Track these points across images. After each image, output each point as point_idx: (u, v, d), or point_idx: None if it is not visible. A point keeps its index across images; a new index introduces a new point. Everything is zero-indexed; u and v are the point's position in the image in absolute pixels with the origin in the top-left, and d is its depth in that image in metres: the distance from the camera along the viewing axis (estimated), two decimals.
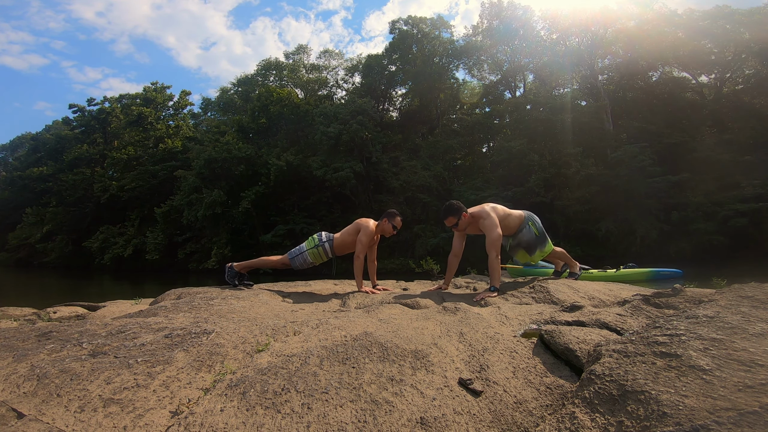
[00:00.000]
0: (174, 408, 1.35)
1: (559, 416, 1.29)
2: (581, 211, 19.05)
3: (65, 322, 2.55)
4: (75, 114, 39.77)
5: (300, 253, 3.64)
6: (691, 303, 2.12)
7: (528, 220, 3.46)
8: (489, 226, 3.17)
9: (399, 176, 23.36)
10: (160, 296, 3.43)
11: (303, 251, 3.64)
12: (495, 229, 3.15)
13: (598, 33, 23.92)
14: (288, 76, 33.97)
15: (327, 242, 3.62)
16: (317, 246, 3.61)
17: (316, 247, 3.61)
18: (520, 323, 2.18)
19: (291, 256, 3.65)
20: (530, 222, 3.44)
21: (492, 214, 3.23)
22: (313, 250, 3.61)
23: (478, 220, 3.28)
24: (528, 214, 3.51)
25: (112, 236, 31.48)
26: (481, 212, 3.27)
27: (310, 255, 3.62)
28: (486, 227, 3.19)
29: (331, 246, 3.62)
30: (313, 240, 3.67)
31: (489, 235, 3.13)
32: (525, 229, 3.41)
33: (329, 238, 3.65)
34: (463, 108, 30.68)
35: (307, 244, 3.67)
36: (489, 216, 3.21)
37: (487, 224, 3.18)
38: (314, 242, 3.64)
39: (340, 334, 1.88)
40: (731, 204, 16.39)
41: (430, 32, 28.50)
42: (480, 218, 3.25)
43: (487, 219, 3.20)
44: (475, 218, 3.29)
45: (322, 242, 3.62)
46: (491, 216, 3.21)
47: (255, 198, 24.50)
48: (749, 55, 20.76)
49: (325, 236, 3.67)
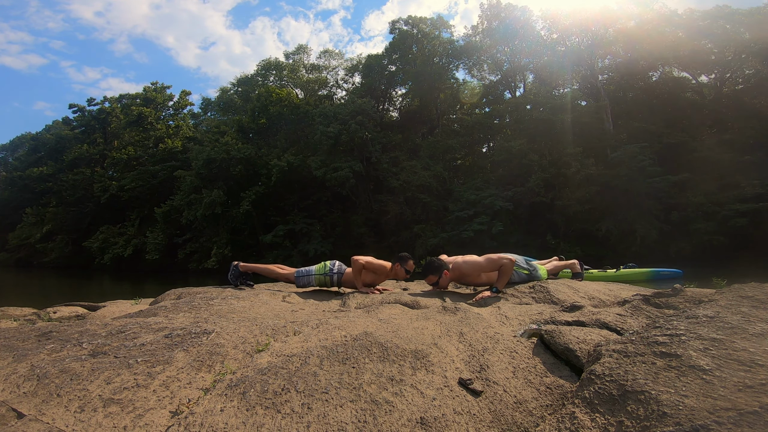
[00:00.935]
0: (174, 408, 1.35)
1: (559, 416, 1.29)
2: (581, 211, 19.05)
3: (65, 322, 2.55)
4: (75, 114, 39.84)
5: (307, 275, 3.66)
6: (691, 303, 2.12)
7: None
8: (473, 268, 3.15)
9: (399, 176, 23.36)
10: (160, 296, 3.43)
11: (311, 275, 3.66)
12: (481, 263, 3.13)
13: (598, 33, 23.92)
14: (288, 76, 33.97)
15: (337, 275, 3.64)
16: (326, 275, 3.64)
17: (324, 276, 3.63)
18: (520, 323, 2.18)
19: (298, 275, 3.67)
20: (515, 266, 3.35)
21: (470, 261, 3.20)
22: (320, 276, 3.64)
23: (460, 274, 3.23)
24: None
25: (112, 236, 31.49)
26: (461, 266, 3.21)
27: (316, 280, 3.65)
28: (474, 271, 3.16)
29: (339, 279, 3.64)
30: (325, 267, 3.68)
31: (484, 267, 3.12)
32: (513, 274, 3.33)
33: (340, 271, 3.65)
34: (463, 108, 30.68)
35: (317, 269, 3.68)
36: (467, 265, 3.17)
37: (474, 268, 3.15)
38: (324, 270, 3.65)
39: (340, 334, 1.88)
40: (731, 204, 16.38)
41: (430, 32, 28.51)
42: (459, 270, 3.20)
43: (465, 268, 3.17)
44: (455, 274, 3.24)
45: (332, 273, 3.64)
46: (468, 263, 3.18)
47: (255, 198, 24.51)
48: (749, 55, 20.75)
49: (337, 268, 3.67)
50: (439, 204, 22.38)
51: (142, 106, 36.54)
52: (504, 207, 19.42)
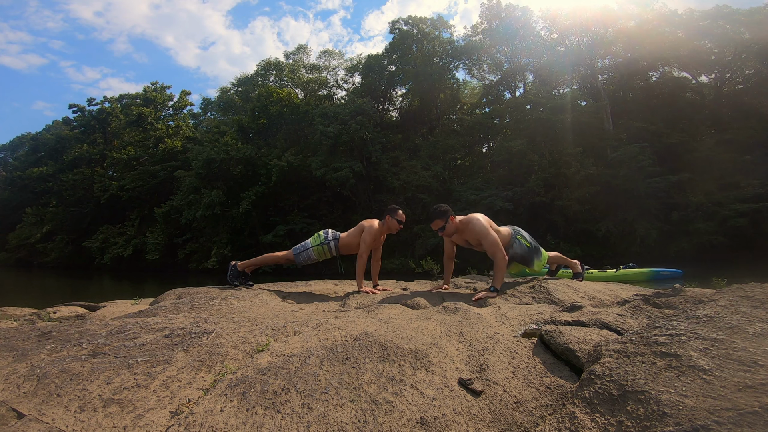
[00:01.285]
0: (174, 408, 1.35)
1: (559, 416, 1.29)
2: (581, 211, 19.05)
3: (65, 322, 2.55)
4: (75, 114, 39.84)
5: (305, 250, 3.64)
6: (691, 303, 2.12)
7: (515, 234, 3.33)
8: (481, 231, 3.02)
9: (399, 176, 23.37)
10: (160, 296, 3.43)
11: (308, 248, 3.64)
12: (489, 232, 3.01)
13: (598, 33, 23.93)
14: (288, 76, 33.97)
15: (333, 240, 3.62)
16: (322, 244, 3.61)
17: (321, 245, 3.61)
18: (520, 323, 2.18)
19: (295, 252, 3.65)
20: (518, 236, 3.32)
21: (481, 219, 3.10)
22: (318, 247, 3.61)
23: (466, 227, 3.12)
24: (514, 229, 3.39)
25: (112, 236, 31.49)
26: (470, 219, 3.12)
27: (314, 252, 3.61)
28: (479, 233, 3.04)
29: (336, 245, 3.61)
30: (319, 237, 3.66)
31: (486, 239, 2.99)
32: (515, 243, 3.28)
33: (335, 237, 3.64)
34: (463, 108, 30.68)
35: (312, 240, 3.67)
36: (478, 221, 3.06)
37: (479, 229, 3.03)
38: (319, 239, 3.64)
39: (340, 334, 1.88)
40: (731, 204, 16.39)
41: (430, 32, 28.51)
42: (469, 224, 3.10)
43: (477, 224, 3.05)
44: (463, 225, 3.14)
45: (328, 240, 3.62)
46: (480, 221, 3.07)
47: (255, 198, 24.51)
48: (749, 55, 20.76)
49: (331, 234, 3.66)
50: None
51: (142, 106, 36.54)
52: (504, 207, 19.42)
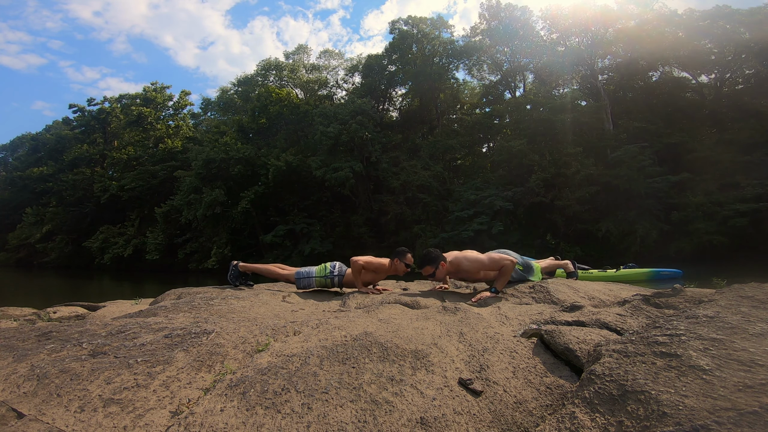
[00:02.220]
0: (174, 408, 1.35)
1: (559, 416, 1.29)
2: (581, 211, 19.05)
3: (65, 322, 2.55)
4: (75, 114, 39.83)
5: (308, 277, 3.63)
6: (691, 303, 2.12)
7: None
8: (476, 265, 3.09)
9: (399, 176, 23.36)
10: (160, 296, 3.44)
11: (311, 277, 3.62)
12: (483, 261, 3.07)
13: (598, 33, 23.92)
14: (288, 76, 33.96)
15: (338, 276, 3.60)
16: (326, 277, 3.60)
17: (325, 278, 3.60)
18: (520, 323, 2.18)
19: (298, 276, 3.64)
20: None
21: (469, 256, 3.16)
22: (321, 279, 3.60)
23: (459, 268, 3.18)
24: (505, 252, 3.38)
25: (112, 236, 31.49)
26: (459, 260, 3.16)
27: (317, 282, 3.62)
28: (474, 267, 3.11)
29: (340, 281, 3.61)
30: (325, 269, 3.64)
31: (485, 265, 3.06)
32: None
33: (341, 273, 3.61)
34: (463, 108, 30.69)
35: (317, 271, 3.64)
36: (466, 260, 3.12)
37: (474, 265, 3.10)
38: (325, 272, 3.62)
39: (340, 334, 1.87)
40: (731, 204, 16.38)
41: (429, 32, 28.51)
42: (460, 265, 3.15)
43: (466, 263, 3.11)
44: (454, 266, 3.20)
45: (333, 275, 3.60)
46: (468, 259, 3.12)
47: (254, 198, 24.51)
48: (749, 55, 20.75)
49: (338, 270, 3.63)
50: (439, 204, 22.39)
51: (141, 106, 36.53)
52: (504, 207, 19.42)
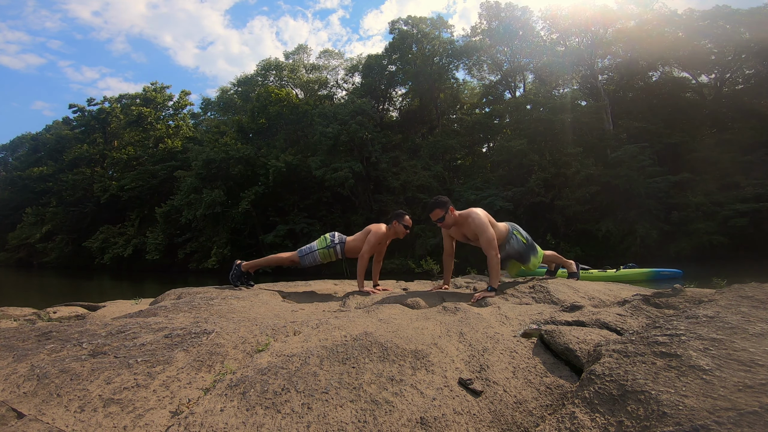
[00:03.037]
0: (174, 408, 1.35)
1: (559, 416, 1.29)
2: (581, 211, 19.05)
3: (65, 322, 2.55)
4: (75, 114, 39.79)
5: (310, 252, 3.63)
6: (691, 303, 2.11)
7: (512, 230, 3.33)
8: (480, 226, 3.02)
9: (399, 176, 23.36)
10: (160, 296, 3.43)
11: (314, 250, 3.62)
12: (487, 227, 3.01)
13: (598, 33, 23.92)
14: (288, 76, 33.97)
15: (339, 244, 3.61)
16: (328, 247, 3.60)
17: (327, 248, 3.60)
18: (520, 323, 2.18)
19: (301, 254, 3.64)
20: (515, 231, 3.33)
21: (480, 214, 3.11)
22: (323, 250, 3.60)
23: (465, 221, 3.13)
24: (511, 225, 3.39)
25: (112, 236, 31.49)
26: (470, 213, 3.12)
27: (320, 255, 3.60)
28: (477, 227, 3.04)
29: (342, 249, 3.60)
30: (325, 240, 3.65)
31: (483, 235, 3.00)
32: (512, 239, 3.28)
33: (341, 241, 3.62)
34: (463, 108, 30.69)
35: (318, 243, 3.65)
36: (477, 216, 3.07)
37: (477, 224, 3.03)
38: (326, 242, 3.62)
39: (340, 334, 1.88)
40: (731, 204, 16.38)
41: (429, 32, 28.52)
42: (468, 217, 3.11)
43: (476, 218, 3.05)
44: (462, 218, 3.15)
45: (334, 244, 3.60)
46: (480, 216, 3.07)
47: (254, 198, 24.51)
48: (749, 55, 20.75)
49: (338, 238, 3.64)
50: None
51: (141, 106, 36.52)
52: (504, 207, 19.41)
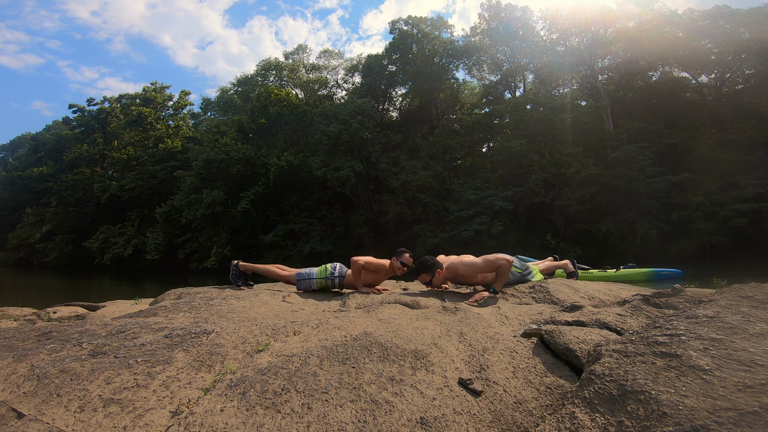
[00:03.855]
0: (174, 408, 1.35)
1: (559, 416, 1.29)
2: (581, 211, 19.04)
3: (65, 322, 2.55)
4: (75, 114, 39.80)
5: (308, 279, 3.63)
6: (691, 303, 2.11)
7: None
8: (473, 269, 3.07)
9: (399, 176, 23.36)
10: (160, 296, 3.44)
11: (312, 278, 3.63)
12: (478, 264, 3.05)
13: (598, 33, 23.92)
14: (288, 76, 33.97)
15: (338, 278, 3.61)
16: (327, 278, 3.61)
17: (325, 279, 3.61)
18: (520, 323, 2.18)
19: (299, 277, 3.65)
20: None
21: (465, 260, 3.14)
22: (321, 280, 3.61)
23: (456, 274, 3.17)
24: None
25: (112, 236, 31.48)
26: (456, 266, 3.14)
27: (317, 284, 3.62)
28: (470, 272, 3.09)
29: (341, 282, 3.61)
30: (326, 270, 3.65)
31: (482, 267, 3.04)
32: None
33: (341, 274, 3.62)
34: (463, 108, 30.69)
35: (318, 272, 3.65)
36: (463, 265, 3.10)
37: (470, 269, 3.08)
38: (326, 274, 3.63)
39: (340, 334, 1.87)
40: (731, 204, 16.38)
41: (430, 32, 28.53)
42: (456, 270, 3.13)
43: (463, 268, 3.10)
44: (450, 273, 3.18)
45: (334, 277, 3.61)
46: (464, 263, 3.11)
47: (254, 198, 24.51)
48: (749, 55, 20.76)
49: (338, 271, 3.64)
50: (439, 204, 22.39)
51: (141, 106, 36.52)
52: (504, 207, 19.42)
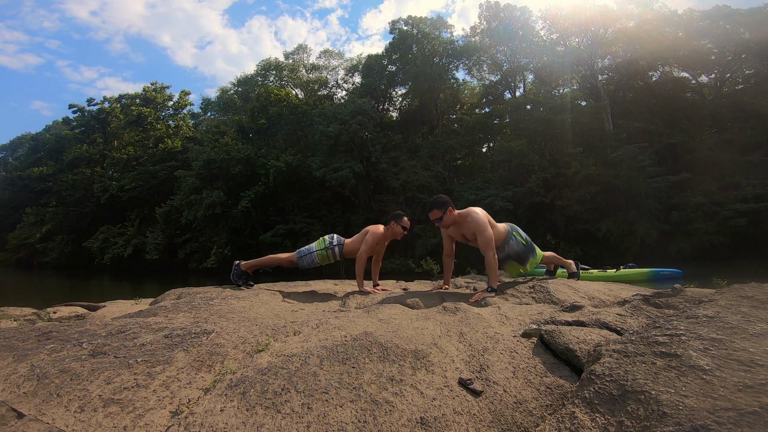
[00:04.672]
0: (174, 408, 1.35)
1: (559, 416, 1.29)
2: (581, 211, 19.05)
3: (65, 322, 2.55)
4: (75, 114, 39.80)
5: (309, 253, 3.63)
6: (691, 303, 2.11)
7: (512, 230, 3.32)
8: (479, 226, 3.00)
9: (399, 176, 23.36)
10: (160, 296, 3.43)
11: (312, 252, 3.63)
12: (486, 227, 2.99)
13: (598, 33, 23.94)
14: (288, 76, 33.98)
15: (337, 246, 3.61)
16: (326, 248, 3.61)
17: (325, 249, 3.60)
18: (520, 323, 2.18)
19: (299, 255, 3.65)
20: (514, 232, 3.31)
21: (480, 213, 3.08)
22: (322, 251, 3.60)
23: (464, 220, 3.11)
24: (511, 226, 3.37)
25: (112, 236, 31.48)
26: (469, 212, 3.10)
27: (318, 256, 3.61)
28: (476, 227, 3.02)
29: (340, 250, 3.61)
30: (324, 241, 3.66)
31: (481, 235, 2.97)
32: (512, 240, 3.26)
33: (340, 243, 3.63)
34: (463, 108, 30.71)
35: (317, 245, 3.66)
36: (477, 215, 3.05)
37: (477, 223, 3.01)
38: (324, 244, 3.63)
39: (340, 334, 1.88)
40: (731, 204, 16.38)
41: (430, 32, 28.55)
42: (467, 217, 3.08)
43: (475, 218, 3.03)
44: (461, 217, 3.12)
45: (332, 245, 3.61)
46: (479, 215, 3.05)
47: (254, 198, 24.52)
48: (749, 55, 20.77)
49: (336, 240, 3.65)
50: None
51: (141, 106, 36.51)
52: (504, 207, 19.41)
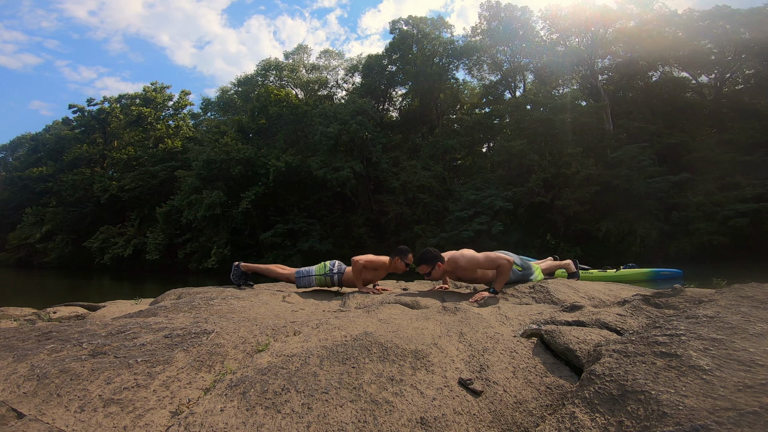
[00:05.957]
0: (174, 408, 1.35)
1: (559, 416, 1.29)
2: (581, 211, 19.04)
3: (65, 322, 2.55)
4: (74, 114, 39.76)
5: (308, 276, 3.65)
6: (691, 303, 2.11)
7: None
8: (471, 261, 3.05)
9: (399, 176, 23.36)
10: (160, 296, 3.44)
11: (311, 275, 3.65)
12: (479, 258, 3.03)
13: (598, 33, 23.93)
14: (288, 76, 33.95)
15: (337, 274, 3.63)
16: (326, 275, 3.63)
17: (324, 276, 3.63)
18: (520, 323, 2.18)
19: (298, 275, 3.67)
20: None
21: (467, 254, 3.12)
22: (321, 277, 3.63)
23: (456, 267, 3.15)
24: (504, 254, 3.35)
25: (112, 236, 31.47)
26: (456, 258, 3.12)
27: (317, 281, 3.64)
28: (471, 265, 3.06)
29: (340, 278, 3.62)
30: (324, 267, 3.67)
31: (483, 264, 3.02)
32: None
33: (340, 270, 3.64)
34: (463, 108, 30.70)
35: (317, 269, 3.67)
36: (464, 258, 3.08)
37: (471, 262, 3.05)
38: (324, 270, 3.65)
39: (340, 334, 1.87)
40: (731, 204, 16.37)
41: (430, 32, 28.53)
42: (457, 263, 3.11)
43: (463, 261, 3.08)
44: (451, 266, 3.17)
45: (333, 273, 3.63)
46: (465, 257, 3.09)
47: (255, 198, 24.51)
48: (749, 55, 20.76)
49: (337, 267, 3.66)
50: (439, 204, 22.39)
51: (141, 106, 36.49)
52: (504, 207, 19.42)
